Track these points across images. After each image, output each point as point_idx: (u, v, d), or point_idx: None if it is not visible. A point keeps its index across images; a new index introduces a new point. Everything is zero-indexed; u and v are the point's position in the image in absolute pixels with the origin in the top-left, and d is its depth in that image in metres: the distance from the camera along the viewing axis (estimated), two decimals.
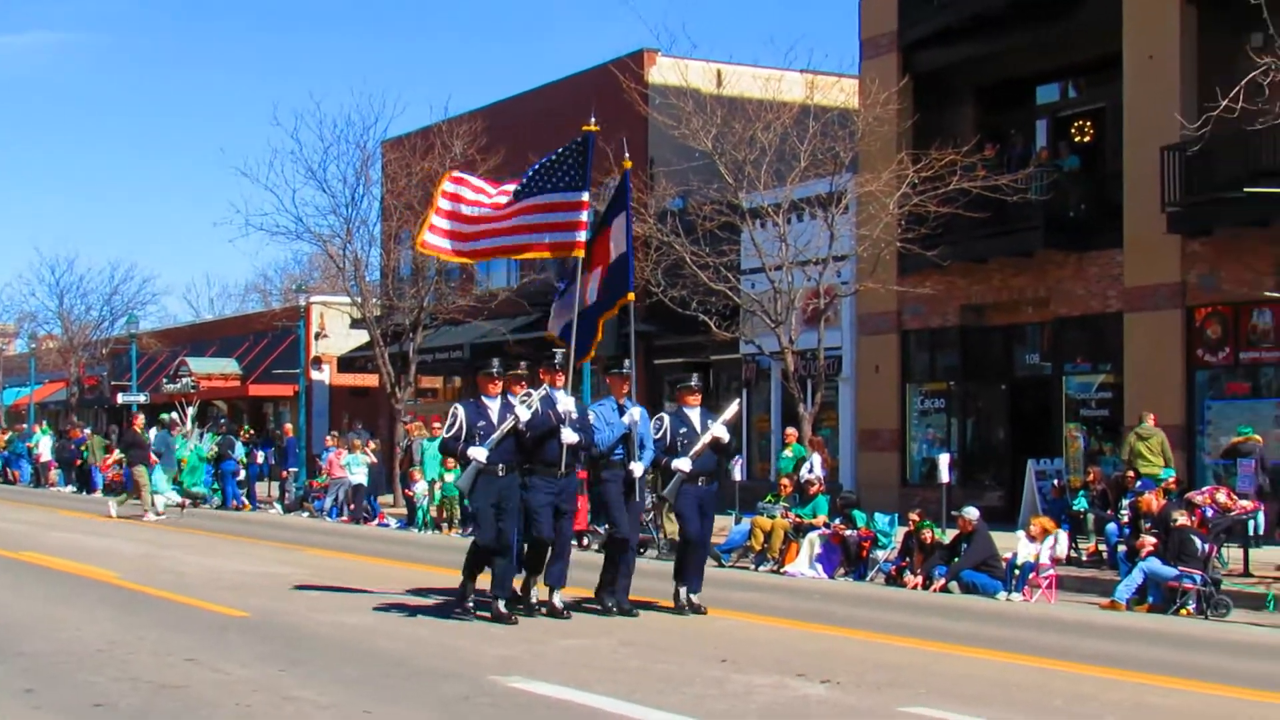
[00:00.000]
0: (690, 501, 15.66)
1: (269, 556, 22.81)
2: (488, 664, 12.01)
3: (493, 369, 15.05)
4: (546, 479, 14.89)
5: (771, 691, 10.90)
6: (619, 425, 15.58)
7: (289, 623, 14.62)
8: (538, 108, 42.76)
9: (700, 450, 15.56)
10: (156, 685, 10.92)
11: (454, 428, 14.59)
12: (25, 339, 76.50)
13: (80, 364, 64.23)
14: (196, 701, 10.36)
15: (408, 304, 39.20)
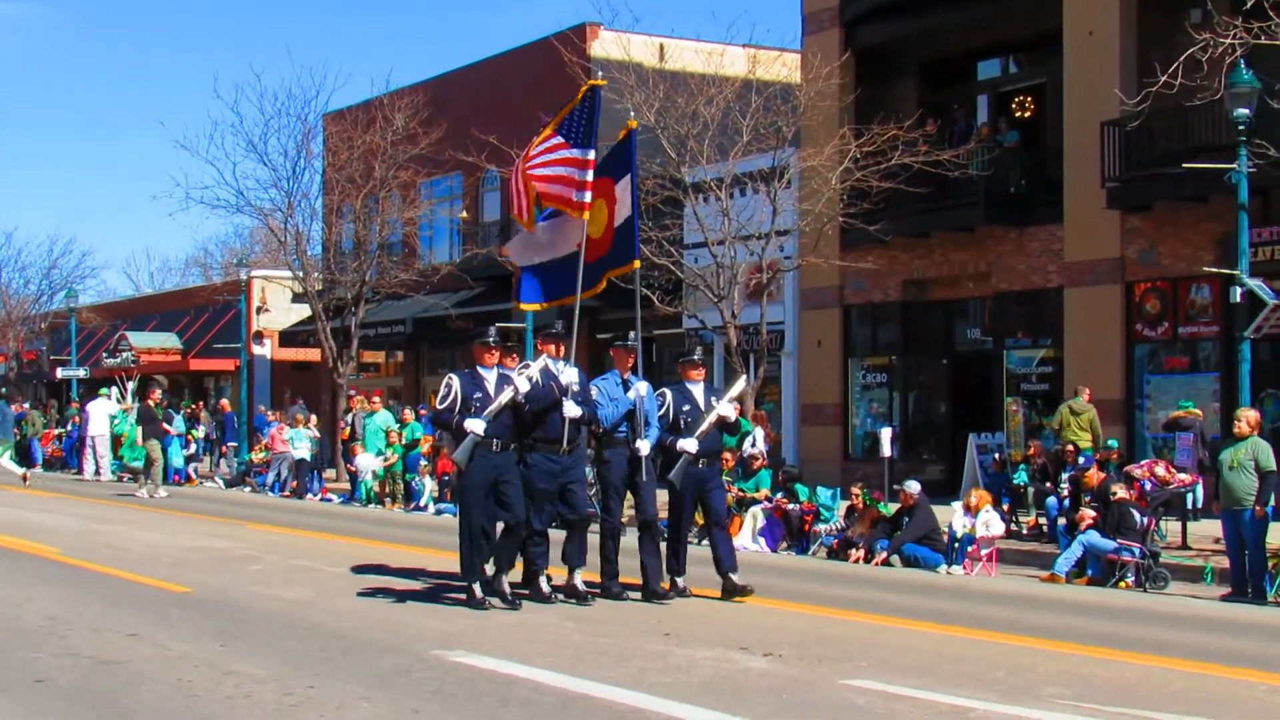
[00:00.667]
0: (691, 484, 14.86)
1: (211, 531, 22.69)
2: (429, 638, 12.00)
3: (489, 338, 14.26)
4: (548, 456, 14.20)
5: (714, 665, 10.94)
6: (624, 401, 14.83)
7: (230, 598, 14.56)
8: (480, 81, 42.63)
9: (706, 430, 14.77)
10: (96, 661, 10.87)
11: (448, 399, 13.87)
12: None
13: (19, 338, 63.63)
14: (137, 676, 10.31)
15: (349, 278, 39.00)
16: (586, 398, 14.52)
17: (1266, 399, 25.10)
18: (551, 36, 38.14)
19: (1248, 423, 17.85)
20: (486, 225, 42.63)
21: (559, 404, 14.15)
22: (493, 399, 13.74)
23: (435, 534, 23.47)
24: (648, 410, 14.83)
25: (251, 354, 49.79)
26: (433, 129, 38.08)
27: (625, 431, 14.84)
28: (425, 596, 14.82)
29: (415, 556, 19.24)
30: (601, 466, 15.16)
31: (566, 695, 9.83)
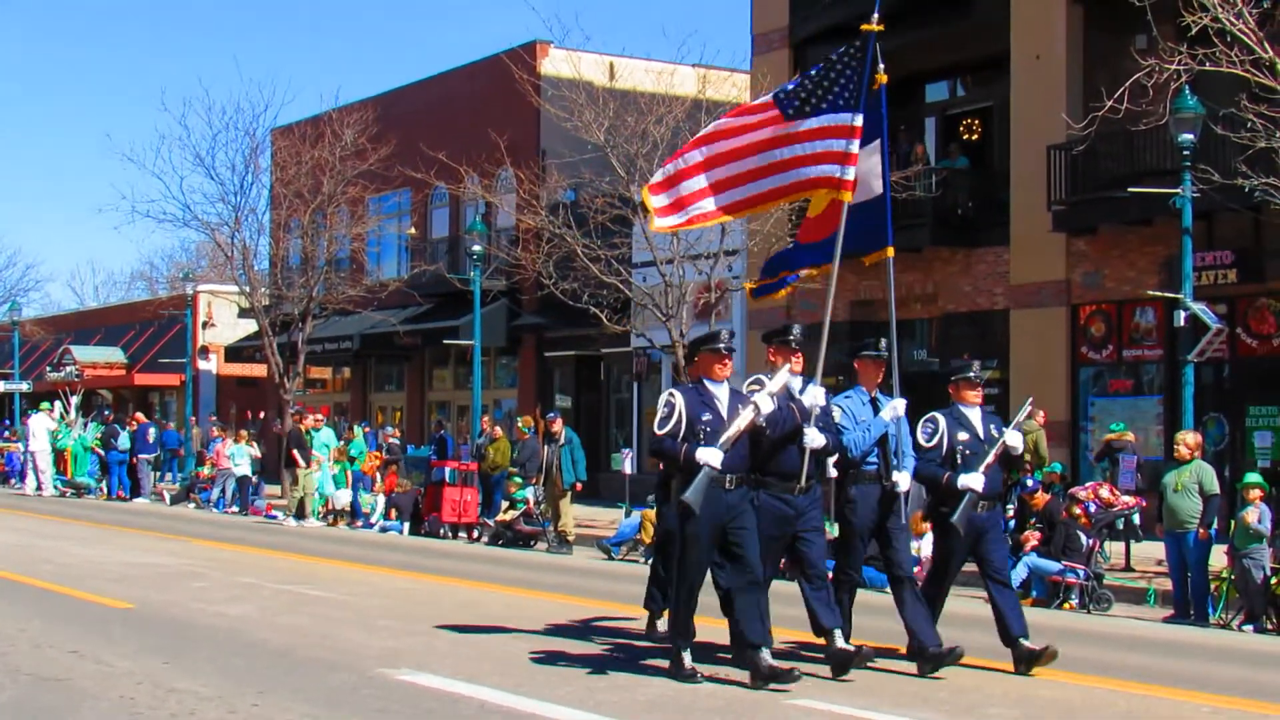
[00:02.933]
0: (972, 531, 11.94)
1: (154, 547, 22.56)
2: (374, 655, 11.95)
3: (719, 344, 11.34)
4: (780, 496, 11.56)
5: (661, 684, 10.93)
6: (877, 424, 12.10)
7: (173, 614, 14.46)
8: (430, 97, 42.60)
9: (991, 464, 12.00)
10: (37, 678, 10.76)
11: (670, 421, 11.03)
12: None
13: None
14: (79, 694, 10.21)
15: (297, 294, 38.83)
16: (829, 423, 11.78)
17: (1209, 422, 25.29)
18: (502, 54, 38.17)
19: (1186, 445, 18.01)
20: (435, 242, 42.59)
21: (799, 430, 11.44)
22: (726, 422, 10.99)
23: (379, 551, 23.44)
24: (900, 436, 12.24)
25: (197, 369, 49.53)
26: (381, 145, 37.99)
27: (876, 464, 12.14)
28: (372, 614, 14.76)
29: (359, 574, 19.20)
30: (845, 506, 12.28)
31: (513, 713, 9.80)
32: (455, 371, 42.60)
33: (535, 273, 31.15)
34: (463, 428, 39.08)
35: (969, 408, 12.27)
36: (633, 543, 23.89)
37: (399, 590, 17.43)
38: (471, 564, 21.71)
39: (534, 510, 26.07)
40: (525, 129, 36.95)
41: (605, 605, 16.11)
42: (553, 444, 25.63)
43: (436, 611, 15.11)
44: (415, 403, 44.04)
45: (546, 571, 20.83)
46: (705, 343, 11.52)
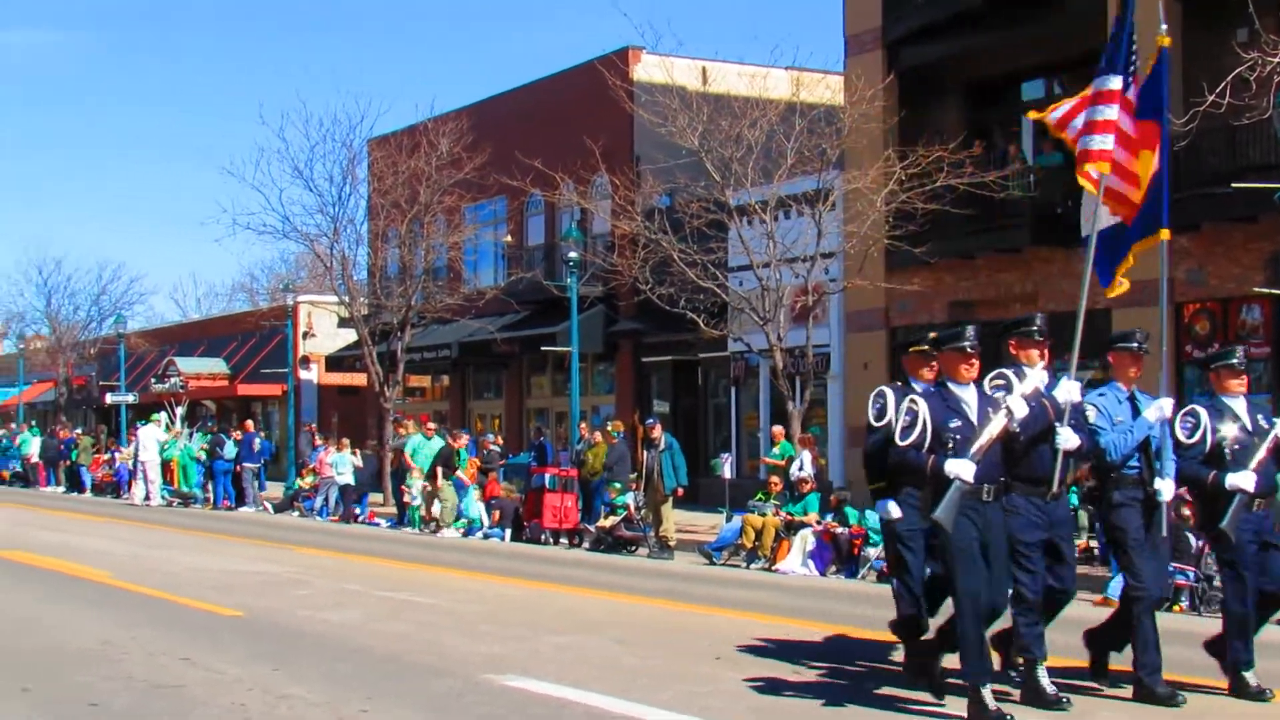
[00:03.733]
0: (1249, 533, 10.82)
1: (259, 556, 22.79)
2: (478, 661, 12.02)
3: (965, 342, 10.38)
4: (1032, 501, 10.45)
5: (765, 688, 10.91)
6: (1140, 426, 10.91)
7: (280, 621, 14.62)
8: (524, 105, 42.75)
9: (1264, 459, 10.89)
10: (150, 685, 10.92)
11: (914, 430, 9.94)
12: (14, 339, 76.24)
13: (69, 364, 64.07)
14: (190, 701, 10.35)
15: (395, 303, 39.13)
16: (1081, 421, 10.78)
17: None
18: (595, 60, 38.26)
19: None
20: (531, 249, 42.73)
21: (1050, 431, 10.49)
22: (976, 428, 9.97)
23: (480, 557, 23.55)
24: (1162, 438, 11.04)
25: (298, 379, 49.99)
26: (477, 153, 38.19)
27: (1138, 467, 10.94)
28: (475, 620, 14.84)
29: (462, 580, 19.31)
30: (1112, 514, 10.94)
31: (617, 719, 9.82)
32: (553, 378, 42.73)
33: (631, 278, 31.20)
34: (561, 434, 39.18)
35: (1232, 398, 11.16)
36: (734, 548, 23.84)
37: (501, 596, 17.52)
38: (573, 569, 21.77)
39: (634, 516, 26.09)
40: (619, 135, 37.00)
41: (708, 610, 16.12)
42: (652, 449, 25.63)
43: (539, 617, 15.19)
44: (513, 410, 44.21)
45: (648, 577, 20.85)
46: (948, 341, 10.50)
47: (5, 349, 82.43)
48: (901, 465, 10.12)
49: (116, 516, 31.52)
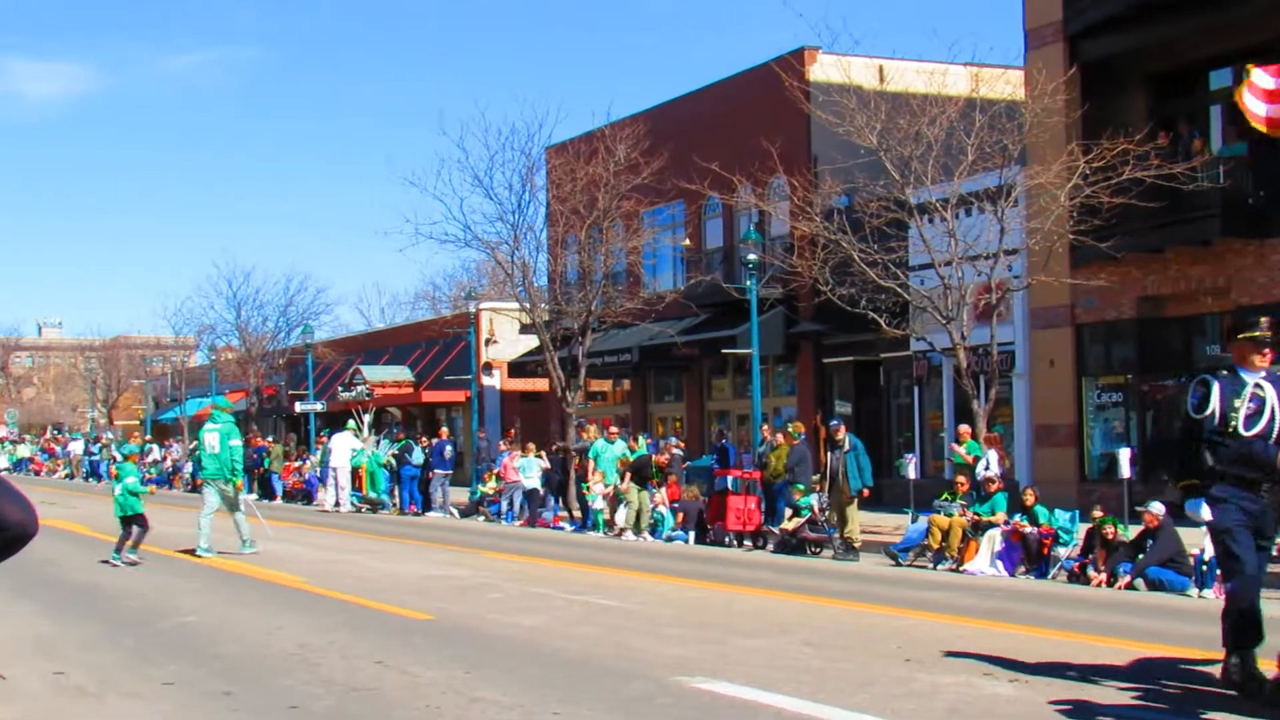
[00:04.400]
0: None
1: (449, 560, 23.09)
2: (667, 664, 12.04)
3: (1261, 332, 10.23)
4: None
5: (958, 690, 10.78)
6: None
7: (471, 625, 14.78)
8: (700, 108, 42.83)
9: None
10: (348, 688, 11.11)
11: (1263, 418, 9.84)
12: (205, 351, 78.30)
13: (259, 374, 65.50)
14: (387, 703, 10.51)
15: (576, 308, 39.40)
16: None
17: None
18: (770, 62, 38.19)
19: None
20: (709, 252, 42.78)
21: None
22: None
23: (665, 560, 23.61)
24: None
25: (481, 385, 50.57)
26: (654, 158, 38.32)
27: None
28: (663, 623, 14.87)
29: (649, 583, 19.36)
30: None
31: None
32: (734, 380, 42.74)
33: (811, 279, 31.09)
34: (743, 436, 39.16)
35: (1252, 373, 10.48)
36: (920, 548, 23.65)
37: (688, 599, 17.55)
38: (758, 572, 21.74)
39: (819, 517, 25.98)
40: (796, 136, 36.90)
41: (896, 612, 15.97)
42: (837, 451, 25.50)
43: (727, 619, 15.18)
44: (694, 412, 44.29)
45: (833, 578, 20.74)
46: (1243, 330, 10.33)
47: (198, 360, 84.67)
48: (1244, 458, 9.55)
49: (307, 523, 32.13)
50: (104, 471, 64.72)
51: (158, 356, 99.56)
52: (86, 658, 12.80)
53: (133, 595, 17.88)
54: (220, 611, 16.20)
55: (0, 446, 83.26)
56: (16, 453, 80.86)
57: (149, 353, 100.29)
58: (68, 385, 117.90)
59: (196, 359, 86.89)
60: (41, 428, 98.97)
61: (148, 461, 60.54)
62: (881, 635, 14.03)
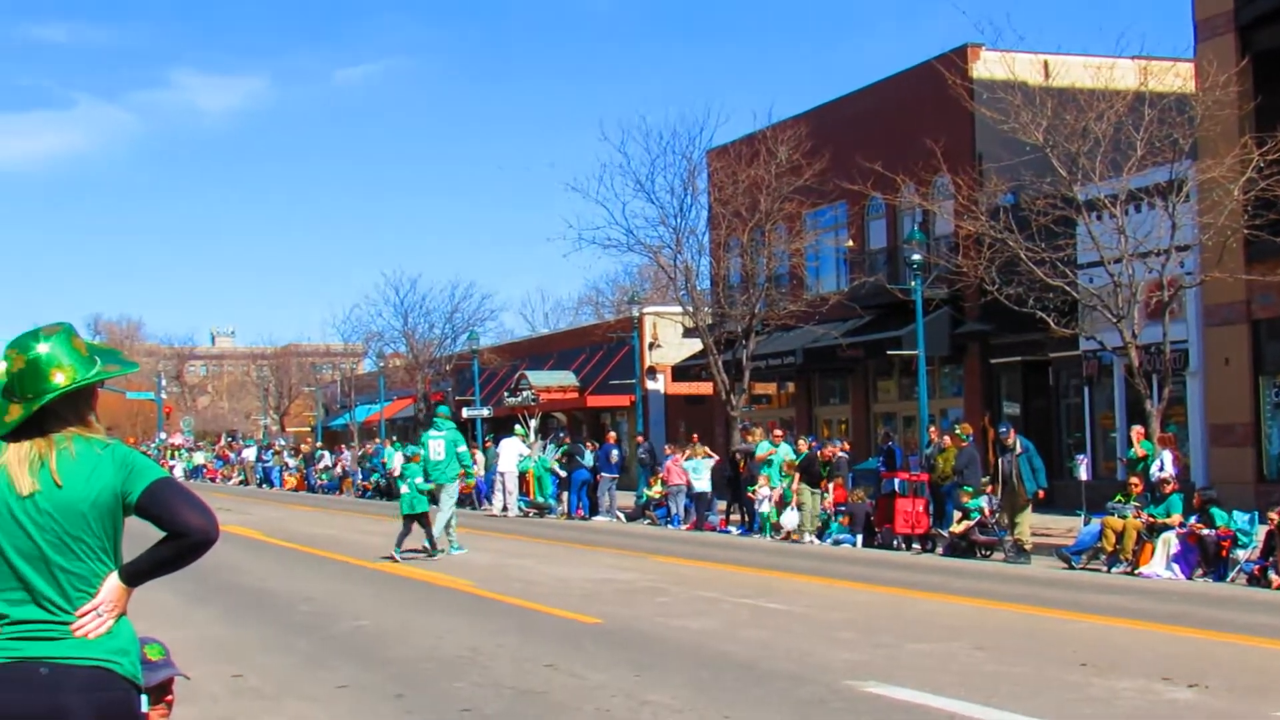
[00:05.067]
0: None
1: (616, 564, 23.17)
2: (838, 668, 11.96)
3: None
4: None
5: (1136, 696, 10.58)
6: None
7: (639, 628, 14.81)
8: (862, 108, 42.55)
9: None
10: (518, 691, 11.18)
11: None
12: (373, 358, 79.43)
13: (426, 380, 66.33)
14: (556, 706, 10.57)
15: (739, 311, 39.40)
16: None
17: None
18: (933, 60, 37.84)
19: None
20: (873, 253, 42.49)
21: None
22: None
23: (833, 564, 23.47)
24: None
25: (645, 389, 50.71)
26: (815, 159, 38.18)
27: None
28: (833, 627, 14.79)
29: (817, 587, 19.26)
30: None
31: None
32: (899, 382, 42.38)
33: (977, 279, 30.70)
34: (910, 438, 38.83)
35: None
36: (1093, 551, 23.23)
37: (857, 603, 17.43)
38: (928, 575, 21.53)
39: (988, 520, 25.66)
40: (960, 134, 36.49)
41: (1069, 616, 15.72)
42: (1008, 453, 25.16)
43: (897, 623, 15.05)
44: (860, 415, 44.00)
45: (1005, 582, 20.46)
46: None
47: (366, 367, 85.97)
48: None
49: (476, 527, 32.40)
50: (276, 478, 66.03)
51: (327, 364, 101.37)
52: (263, 661, 13.04)
53: (307, 600, 18.20)
54: (392, 615, 16.40)
55: (177, 454, 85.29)
56: (192, 460, 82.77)
57: (318, 360, 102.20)
58: (241, 393, 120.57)
59: (365, 366, 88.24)
60: (215, 435, 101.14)
61: (319, 468, 61.65)
62: (1055, 639, 13.81)
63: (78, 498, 4.55)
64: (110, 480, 4.57)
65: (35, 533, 4.53)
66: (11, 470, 4.59)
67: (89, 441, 4.66)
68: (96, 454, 4.62)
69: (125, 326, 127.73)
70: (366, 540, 28.66)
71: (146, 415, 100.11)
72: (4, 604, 4.54)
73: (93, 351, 4.82)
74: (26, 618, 4.52)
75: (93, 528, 4.55)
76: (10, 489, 4.57)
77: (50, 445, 4.62)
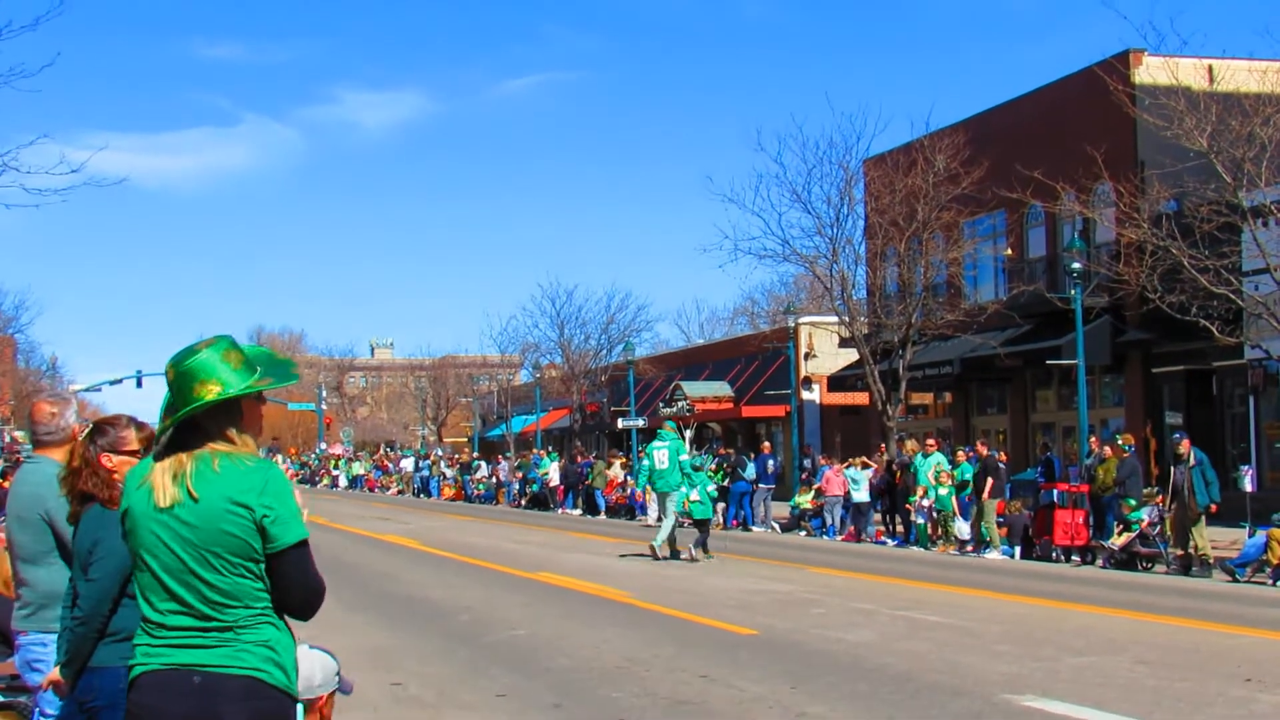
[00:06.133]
0: None
1: (771, 575, 23.15)
2: (996, 681, 11.87)
3: None
4: None
5: None
6: None
7: (795, 640, 14.80)
8: (1021, 116, 42.08)
9: None
10: (673, 701, 11.24)
11: None
12: (529, 369, 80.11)
13: (581, 391, 66.73)
14: (713, 717, 10.61)
15: (895, 321, 39.18)
16: None
17: None
18: (1093, 66, 37.34)
19: None
20: (1032, 261, 41.96)
21: None
22: None
23: (990, 575, 23.24)
24: None
25: (801, 400, 50.57)
26: (974, 168, 37.85)
27: None
28: (990, 639, 14.66)
29: (974, 599, 19.10)
30: None
31: None
32: (1058, 392, 41.81)
33: (1138, 287, 30.23)
34: (1069, 449, 38.29)
35: None
36: (1258, 563, 22.76)
37: (1015, 615, 17.24)
38: (1088, 588, 21.23)
39: (1150, 531, 25.23)
40: (1122, 140, 35.97)
41: (1234, 630, 15.44)
42: (1181, 464, 24.73)
43: (1056, 636, 14.88)
44: (1018, 425, 43.47)
45: (1167, 595, 20.14)
46: None
47: (522, 378, 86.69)
48: None
49: (632, 537, 32.55)
50: (434, 488, 66.79)
51: (484, 375, 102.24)
52: (423, 669, 13.23)
53: (464, 609, 18.41)
54: (548, 625, 16.54)
55: (337, 464, 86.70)
56: (352, 469, 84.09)
57: (475, 371, 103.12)
58: (399, 404, 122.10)
59: (521, 377, 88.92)
60: (374, 445, 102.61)
61: (476, 478, 62.27)
62: (1219, 654, 13.57)
63: (215, 513, 4.56)
64: (252, 502, 4.57)
65: (176, 546, 4.59)
66: (154, 483, 4.66)
67: (232, 456, 4.66)
68: (241, 471, 4.62)
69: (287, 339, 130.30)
70: (523, 550, 28.94)
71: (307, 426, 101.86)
72: (157, 613, 4.64)
73: (255, 360, 4.85)
74: (179, 625, 4.60)
75: (231, 543, 4.56)
76: (152, 503, 4.65)
77: (191, 459, 4.65)
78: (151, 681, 4.61)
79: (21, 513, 7.17)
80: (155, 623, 4.65)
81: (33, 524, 7.07)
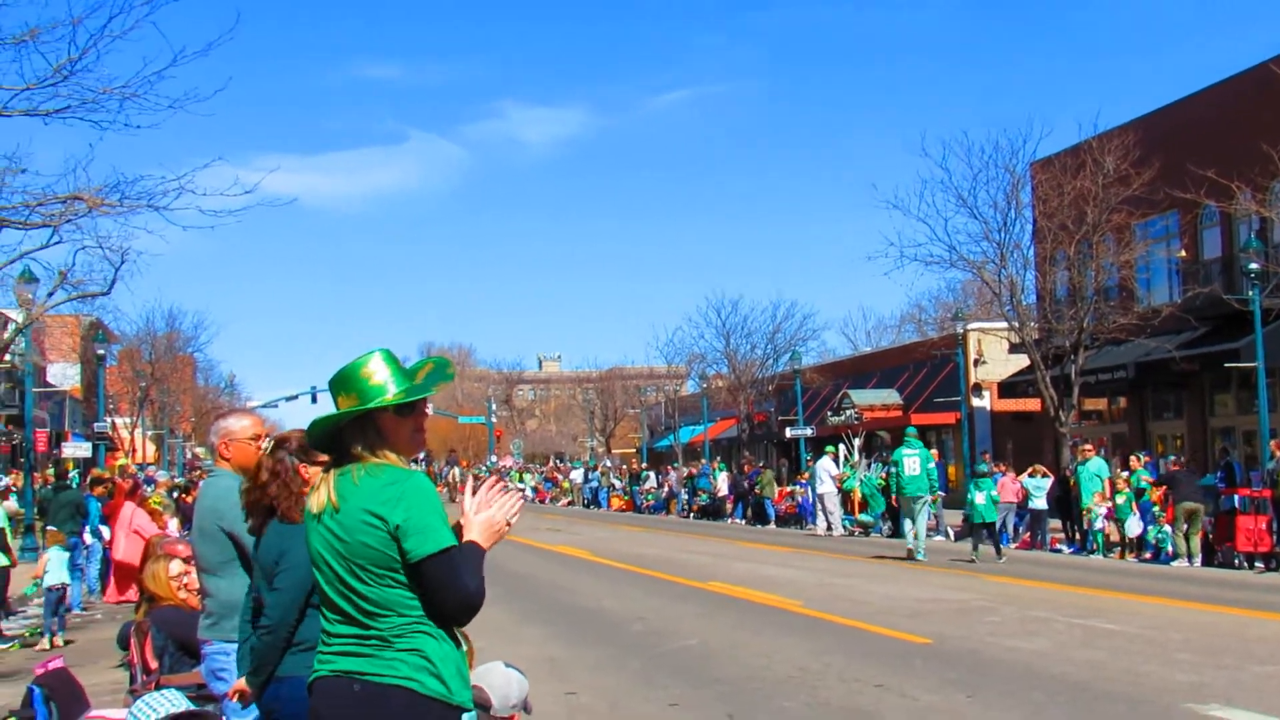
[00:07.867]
0: None
1: (943, 583, 22.90)
2: (1177, 690, 11.63)
3: None
4: None
5: None
6: None
7: (969, 648, 14.62)
8: (1193, 114, 41.23)
9: None
10: (847, 710, 11.17)
11: None
12: (696, 379, 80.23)
13: (748, 401, 66.64)
14: None
15: (1066, 326, 38.56)
16: None
17: None
18: (1268, 62, 36.47)
19: None
20: (1207, 263, 41.09)
21: None
22: None
23: (1169, 583, 22.77)
24: None
25: (971, 406, 50.01)
26: (1144, 168, 37.15)
27: None
28: (1170, 647, 14.36)
29: (1152, 606, 18.73)
30: None
31: None
32: (1238, 395, 40.84)
33: None
34: (1250, 454, 37.39)
35: None
36: None
37: (1196, 623, 16.87)
38: (1272, 595, 20.71)
39: None
40: None
41: None
42: None
43: (1240, 644, 14.53)
44: (1196, 430, 42.55)
45: None
46: None
47: (689, 389, 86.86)
48: None
49: (800, 547, 32.44)
50: (603, 499, 67.11)
51: (651, 386, 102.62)
52: (596, 680, 13.28)
53: (637, 618, 18.45)
54: (720, 635, 16.52)
55: (510, 475, 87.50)
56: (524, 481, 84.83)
57: (642, 382, 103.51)
58: (567, 416, 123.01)
59: (688, 387, 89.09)
60: (544, 457, 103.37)
61: (645, 488, 62.44)
62: None
63: (354, 525, 4.61)
64: (386, 514, 4.58)
65: (330, 557, 4.68)
66: (315, 494, 4.78)
67: (372, 468, 4.69)
68: (378, 483, 4.64)
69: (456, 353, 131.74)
70: (694, 560, 28.96)
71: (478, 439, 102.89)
72: (328, 621, 4.74)
73: (408, 373, 4.85)
74: (341, 634, 4.68)
75: (371, 555, 4.60)
76: (312, 514, 4.76)
77: (338, 471, 4.73)
78: (321, 688, 4.70)
79: (202, 525, 7.35)
80: (327, 631, 4.76)
81: (213, 536, 7.25)
